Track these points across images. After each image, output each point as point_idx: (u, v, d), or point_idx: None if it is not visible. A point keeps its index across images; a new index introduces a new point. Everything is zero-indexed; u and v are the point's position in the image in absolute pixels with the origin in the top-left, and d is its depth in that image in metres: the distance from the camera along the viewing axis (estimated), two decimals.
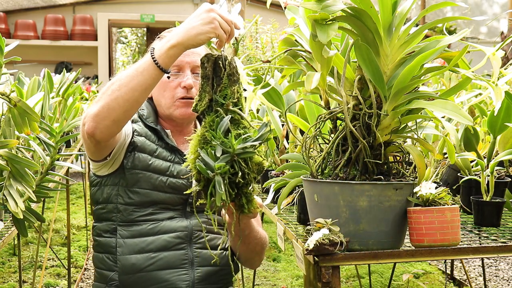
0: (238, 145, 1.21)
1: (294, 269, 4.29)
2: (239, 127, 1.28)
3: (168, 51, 1.41)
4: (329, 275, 1.40)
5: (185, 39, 1.39)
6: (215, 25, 1.38)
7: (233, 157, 1.21)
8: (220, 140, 1.23)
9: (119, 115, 1.46)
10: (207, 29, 1.38)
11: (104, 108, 1.44)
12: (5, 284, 3.91)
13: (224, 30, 1.39)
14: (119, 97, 1.44)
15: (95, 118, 1.45)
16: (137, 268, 1.67)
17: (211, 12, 1.39)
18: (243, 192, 1.28)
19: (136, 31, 14.65)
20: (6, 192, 1.67)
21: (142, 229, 1.69)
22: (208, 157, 1.22)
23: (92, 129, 1.46)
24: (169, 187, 1.71)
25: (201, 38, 1.39)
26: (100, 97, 1.47)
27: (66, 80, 3.28)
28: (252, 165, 1.27)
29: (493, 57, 1.55)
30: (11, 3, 9.92)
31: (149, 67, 1.42)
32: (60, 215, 5.50)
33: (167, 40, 1.42)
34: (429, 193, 1.46)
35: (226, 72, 1.30)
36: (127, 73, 1.45)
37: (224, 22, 1.40)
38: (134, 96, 1.44)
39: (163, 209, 1.71)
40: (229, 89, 1.30)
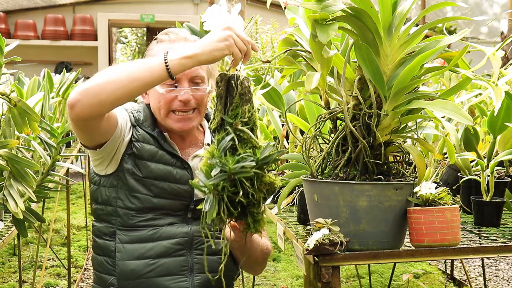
0: (234, 165, 1.21)
1: (294, 269, 4.29)
2: (247, 147, 1.28)
3: (181, 59, 1.42)
4: (329, 275, 1.40)
5: (200, 53, 1.40)
6: (230, 42, 1.39)
7: (230, 176, 1.21)
8: (218, 159, 1.23)
9: (108, 98, 1.43)
10: (221, 46, 1.39)
11: (96, 86, 1.43)
12: (5, 284, 3.91)
13: (239, 49, 1.40)
14: (116, 81, 1.42)
15: (83, 92, 1.43)
16: (137, 274, 1.66)
17: (228, 30, 1.41)
18: (249, 212, 1.27)
19: (136, 31, 14.65)
20: (6, 192, 1.67)
21: (142, 235, 1.67)
22: (204, 175, 1.23)
23: (74, 101, 1.43)
24: (170, 193, 1.69)
25: (216, 54, 1.40)
26: (98, 75, 1.45)
27: (66, 80, 3.29)
28: (261, 185, 1.26)
29: (493, 57, 1.55)
30: (11, 3, 9.92)
31: (158, 66, 1.43)
32: (60, 215, 5.50)
33: (184, 49, 1.43)
34: (429, 193, 1.46)
35: (238, 92, 1.32)
36: (133, 64, 1.46)
37: (240, 41, 1.41)
38: (131, 87, 1.43)
39: (163, 214, 1.69)
40: (240, 108, 1.31)
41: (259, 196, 1.26)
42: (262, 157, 1.23)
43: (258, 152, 1.26)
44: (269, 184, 1.27)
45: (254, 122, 1.32)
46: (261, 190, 1.26)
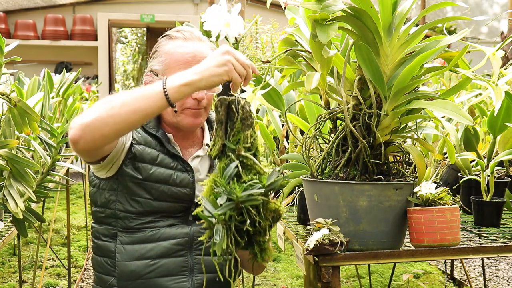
0: (242, 193, 1.19)
1: (294, 269, 4.29)
2: (251, 173, 1.25)
3: (180, 87, 1.40)
4: (329, 275, 1.40)
5: (199, 79, 1.39)
6: (229, 68, 1.38)
7: (237, 205, 1.19)
8: (224, 187, 1.21)
9: (110, 132, 1.43)
10: (220, 71, 1.38)
11: (97, 121, 1.41)
12: (5, 284, 3.91)
13: (239, 73, 1.39)
14: (117, 114, 1.41)
15: (84, 128, 1.41)
16: (137, 275, 1.65)
17: (226, 55, 1.39)
18: (255, 240, 1.24)
19: (136, 31, 14.65)
20: (6, 192, 1.67)
21: (142, 236, 1.67)
22: (211, 204, 1.20)
23: (77, 137, 1.42)
24: (171, 196, 1.68)
25: (214, 80, 1.39)
26: (96, 108, 1.43)
27: (66, 80, 3.29)
28: (266, 212, 1.24)
29: (493, 57, 1.55)
30: (11, 3, 9.92)
31: (157, 95, 1.41)
32: (60, 215, 5.50)
33: (182, 76, 1.41)
34: (429, 193, 1.46)
35: (239, 117, 1.29)
36: (131, 94, 1.43)
37: (240, 65, 1.39)
38: (132, 119, 1.42)
39: (163, 217, 1.69)
40: (242, 134, 1.28)
41: (265, 224, 1.23)
42: (268, 183, 1.21)
43: (263, 178, 1.23)
44: (274, 211, 1.24)
45: (257, 147, 1.29)
46: (267, 218, 1.24)
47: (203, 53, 1.70)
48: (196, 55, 1.69)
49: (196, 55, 1.69)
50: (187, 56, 1.69)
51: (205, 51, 1.71)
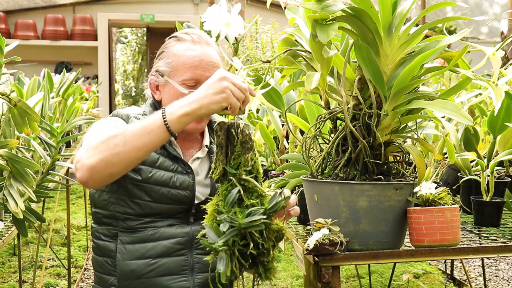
0: (244, 219, 1.19)
1: (294, 269, 4.29)
2: (252, 196, 1.26)
3: (180, 118, 1.41)
4: (329, 275, 1.40)
5: (198, 108, 1.40)
6: (227, 94, 1.38)
7: (240, 231, 1.19)
8: (226, 214, 1.22)
9: (118, 170, 1.44)
10: (218, 98, 1.39)
11: (103, 161, 1.42)
12: (5, 284, 3.91)
13: (237, 98, 1.40)
14: (121, 153, 1.42)
15: (91, 170, 1.42)
16: (137, 274, 1.65)
17: (223, 81, 1.39)
18: (259, 261, 1.25)
19: (136, 31, 14.65)
20: (6, 192, 1.67)
21: (142, 235, 1.67)
22: (213, 232, 1.21)
23: (86, 179, 1.44)
24: (170, 199, 1.68)
25: (213, 107, 1.40)
26: (100, 148, 1.43)
27: (66, 80, 3.29)
28: (269, 233, 1.24)
29: (493, 57, 1.55)
30: (11, 3, 9.92)
31: (158, 129, 1.42)
32: (60, 215, 5.50)
33: (181, 106, 1.42)
34: (429, 193, 1.46)
35: (239, 140, 1.29)
36: (133, 130, 1.43)
37: (237, 90, 1.40)
38: (137, 155, 1.44)
39: (163, 217, 1.69)
40: (242, 157, 1.28)
41: (269, 244, 1.24)
42: (270, 206, 1.21)
43: (265, 201, 1.24)
44: (277, 231, 1.25)
45: (258, 169, 1.30)
46: (270, 239, 1.24)
47: (210, 58, 1.70)
48: (203, 59, 1.69)
49: (203, 59, 1.69)
50: (194, 60, 1.68)
51: (212, 56, 1.71)
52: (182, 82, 1.68)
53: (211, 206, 1.27)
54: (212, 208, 1.27)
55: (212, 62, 1.70)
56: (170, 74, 1.71)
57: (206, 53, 1.70)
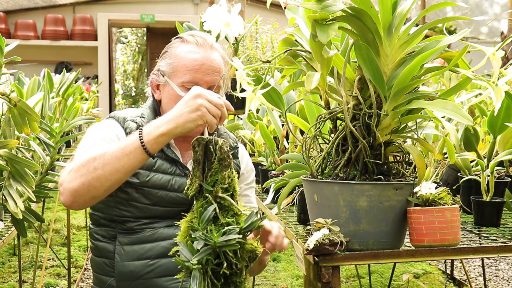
0: (219, 238, 1.19)
1: (294, 269, 4.29)
2: (228, 215, 1.25)
3: (157, 138, 1.43)
4: (329, 275, 1.40)
5: (173, 128, 1.41)
6: (202, 112, 1.39)
7: (214, 249, 1.19)
8: (201, 232, 1.21)
9: (100, 193, 1.46)
10: (194, 117, 1.40)
11: (84, 185, 1.43)
12: (5, 284, 3.91)
13: (213, 114, 1.40)
14: (102, 177, 1.43)
15: (74, 194, 1.44)
16: (136, 275, 1.65)
17: (198, 98, 1.40)
18: (232, 281, 1.24)
19: (136, 31, 14.65)
20: (5, 192, 1.66)
21: (141, 236, 1.67)
22: (188, 249, 1.20)
23: (70, 203, 1.46)
24: (169, 202, 1.67)
25: (189, 126, 1.41)
26: (79, 170, 1.44)
27: (66, 80, 3.29)
28: (243, 253, 1.23)
29: (493, 57, 1.55)
30: (11, 3, 9.92)
31: (136, 150, 1.43)
32: (60, 215, 5.50)
33: (157, 126, 1.43)
34: (429, 193, 1.46)
35: (217, 157, 1.28)
36: (112, 152, 1.44)
37: (213, 107, 1.40)
38: (117, 177, 1.45)
39: (162, 219, 1.69)
40: (219, 174, 1.27)
41: (242, 265, 1.23)
42: (245, 225, 1.21)
43: (241, 220, 1.22)
44: (251, 251, 1.24)
45: (234, 188, 1.29)
46: (244, 259, 1.23)
47: (212, 62, 1.69)
48: (204, 63, 1.68)
49: (204, 63, 1.68)
50: (195, 63, 1.68)
51: (215, 60, 1.70)
52: (181, 84, 1.68)
53: (185, 223, 1.26)
54: (186, 224, 1.25)
55: (213, 67, 1.69)
56: (171, 74, 1.70)
57: (208, 57, 1.69)
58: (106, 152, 1.45)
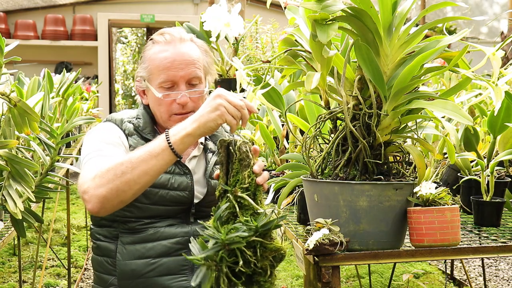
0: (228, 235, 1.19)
1: (294, 269, 4.29)
2: (247, 214, 1.26)
3: (183, 139, 1.45)
4: (329, 275, 1.40)
5: (197, 127, 1.44)
6: (221, 112, 1.42)
7: (225, 247, 1.19)
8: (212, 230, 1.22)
9: (128, 196, 1.47)
10: (213, 116, 1.43)
11: (113, 190, 1.44)
12: (5, 284, 3.91)
13: (233, 115, 1.43)
14: (131, 180, 1.44)
15: (102, 200, 1.44)
16: (137, 274, 1.66)
17: (218, 99, 1.43)
18: (256, 281, 1.23)
19: (136, 31, 14.65)
20: (5, 193, 1.66)
21: (143, 236, 1.67)
22: (199, 246, 1.21)
23: (97, 209, 1.46)
24: (169, 200, 1.68)
25: (211, 125, 1.44)
26: (105, 176, 1.44)
27: (66, 80, 3.28)
28: (265, 252, 1.22)
29: (493, 57, 1.55)
30: (11, 3, 9.92)
31: (164, 152, 1.45)
32: (60, 215, 5.50)
33: (183, 127, 1.46)
34: (429, 193, 1.46)
35: (237, 157, 1.31)
36: (139, 155, 1.45)
37: (232, 107, 1.43)
38: (146, 179, 1.46)
39: (163, 218, 1.69)
40: (240, 175, 1.30)
41: (265, 264, 1.22)
42: (261, 224, 1.20)
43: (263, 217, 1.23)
44: (275, 250, 1.23)
45: (257, 187, 1.30)
46: (267, 258, 1.23)
47: (183, 56, 1.69)
48: (175, 59, 1.68)
49: (175, 59, 1.68)
50: (165, 62, 1.68)
51: (187, 53, 1.70)
52: (159, 85, 1.69)
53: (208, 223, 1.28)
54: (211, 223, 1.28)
55: (186, 60, 1.69)
56: (148, 78, 1.72)
57: (178, 52, 1.69)
58: (132, 156, 1.46)
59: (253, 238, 1.19)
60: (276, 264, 1.25)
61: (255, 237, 1.20)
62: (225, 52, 2.95)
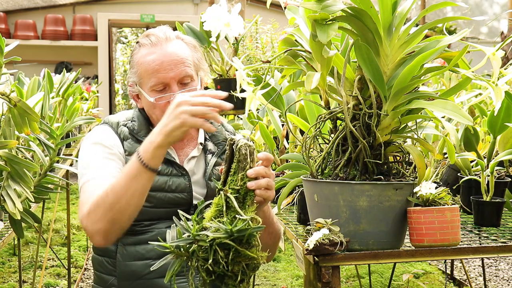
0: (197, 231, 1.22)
1: (294, 269, 4.29)
2: (230, 215, 1.27)
3: (154, 152, 1.44)
4: (329, 275, 1.40)
5: (164, 139, 1.43)
6: (182, 119, 1.39)
7: (196, 241, 1.21)
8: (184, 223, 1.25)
9: (125, 221, 1.51)
10: (176, 125, 1.40)
11: (109, 223, 1.48)
12: (5, 284, 3.91)
13: (198, 115, 1.39)
14: (121, 208, 1.47)
15: (102, 234, 1.49)
16: (137, 275, 1.65)
17: (178, 107, 1.40)
18: (225, 283, 1.25)
19: (136, 31, 14.65)
20: (4, 193, 1.66)
21: (143, 237, 1.67)
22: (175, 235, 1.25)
23: (104, 242, 1.53)
24: (168, 202, 1.67)
25: (176, 134, 1.41)
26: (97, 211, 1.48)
27: (66, 80, 3.28)
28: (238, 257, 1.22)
29: (493, 57, 1.55)
30: (11, 3, 9.92)
31: (141, 172, 1.45)
32: (60, 215, 5.50)
33: (150, 142, 1.45)
34: (429, 193, 1.46)
35: (236, 158, 1.32)
36: (120, 182, 1.47)
37: (194, 109, 1.39)
38: (135, 201, 1.48)
39: (163, 220, 1.69)
40: (236, 175, 1.31)
41: (236, 269, 1.22)
42: (235, 229, 1.20)
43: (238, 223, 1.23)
44: (250, 258, 1.23)
45: (247, 192, 1.30)
46: (239, 263, 1.23)
47: (171, 56, 1.67)
48: (163, 61, 1.66)
49: (163, 61, 1.66)
50: (154, 65, 1.67)
51: (174, 52, 1.68)
52: (151, 88, 1.68)
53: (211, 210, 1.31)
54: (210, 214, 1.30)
55: (174, 60, 1.67)
56: (140, 83, 1.71)
57: (165, 53, 1.67)
58: (115, 185, 1.47)
59: (226, 241, 1.20)
60: (249, 272, 1.25)
61: (229, 240, 1.20)
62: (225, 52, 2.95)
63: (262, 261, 1.26)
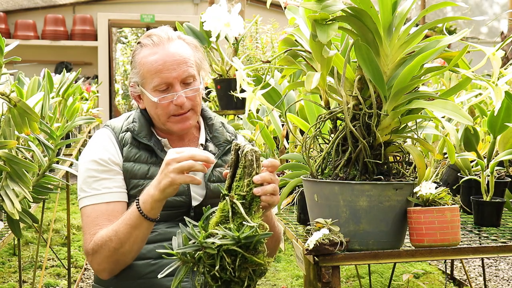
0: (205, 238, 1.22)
1: (294, 269, 4.29)
2: (237, 221, 1.27)
3: (152, 205, 1.51)
4: (329, 275, 1.40)
5: (160, 193, 1.48)
6: (171, 178, 1.45)
7: (202, 249, 1.22)
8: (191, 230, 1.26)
9: (129, 261, 1.61)
10: (168, 183, 1.46)
11: (113, 263, 1.59)
12: (5, 284, 3.91)
13: (187, 170, 1.44)
14: (125, 252, 1.56)
15: (108, 272, 1.62)
16: (138, 275, 1.65)
17: (167, 167, 1.46)
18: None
19: (136, 31, 14.65)
20: (2, 193, 1.66)
21: None
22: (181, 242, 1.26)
23: (109, 277, 1.64)
24: (167, 206, 1.67)
25: (169, 190, 1.48)
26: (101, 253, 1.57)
27: (66, 80, 3.28)
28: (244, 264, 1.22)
29: (493, 57, 1.55)
30: (11, 3, 9.92)
31: (141, 221, 1.53)
32: (60, 215, 5.50)
33: (149, 195, 1.51)
34: (429, 193, 1.46)
35: (242, 164, 1.33)
36: (123, 230, 1.54)
37: (180, 166, 1.43)
38: (137, 246, 1.58)
39: (162, 221, 1.69)
40: (242, 181, 1.32)
41: (243, 275, 1.23)
42: (243, 236, 1.20)
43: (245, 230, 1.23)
44: (257, 265, 1.24)
45: (254, 197, 1.31)
46: (246, 269, 1.23)
47: (173, 56, 1.67)
48: (166, 61, 1.67)
49: (166, 61, 1.67)
50: (157, 65, 1.67)
51: (177, 52, 1.69)
52: (154, 89, 1.68)
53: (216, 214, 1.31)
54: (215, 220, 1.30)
55: (177, 60, 1.68)
56: (142, 83, 1.71)
57: (168, 53, 1.68)
58: (118, 231, 1.55)
59: (233, 247, 1.20)
60: (256, 278, 1.25)
61: (236, 247, 1.20)
62: (225, 52, 2.95)
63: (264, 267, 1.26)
